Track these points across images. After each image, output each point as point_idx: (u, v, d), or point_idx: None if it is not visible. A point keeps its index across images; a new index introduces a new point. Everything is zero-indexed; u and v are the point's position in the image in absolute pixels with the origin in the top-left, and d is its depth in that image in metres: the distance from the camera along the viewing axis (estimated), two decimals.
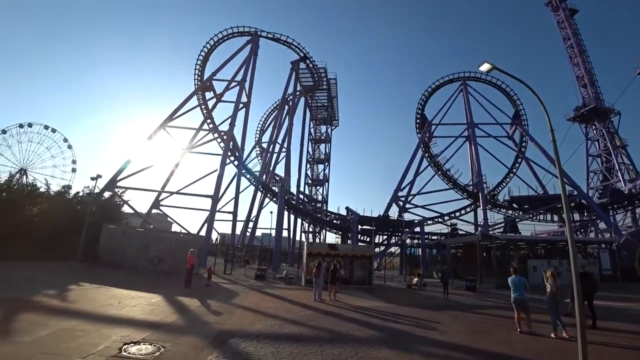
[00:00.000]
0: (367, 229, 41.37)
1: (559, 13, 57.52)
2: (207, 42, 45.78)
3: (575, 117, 55.31)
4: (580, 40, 55.93)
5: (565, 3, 57.91)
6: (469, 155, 51.17)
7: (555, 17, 58.42)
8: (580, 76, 54.27)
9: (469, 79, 51.99)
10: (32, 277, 15.40)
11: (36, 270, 17.58)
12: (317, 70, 50.57)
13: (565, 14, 56.89)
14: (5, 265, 17.66)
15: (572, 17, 57.12)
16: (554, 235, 43.93)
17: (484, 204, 42.40)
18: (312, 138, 60.76)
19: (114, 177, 33.31)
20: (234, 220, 43.20)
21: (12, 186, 26.73)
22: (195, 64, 46.02)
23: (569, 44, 55.89)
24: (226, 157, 38.64)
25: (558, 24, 57.74)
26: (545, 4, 60.39)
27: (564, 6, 57.46)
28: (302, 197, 54.92)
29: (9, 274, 15.53)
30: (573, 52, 55.17)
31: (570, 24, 56.31)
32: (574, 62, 55.10)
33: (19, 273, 15.99)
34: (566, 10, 57.16)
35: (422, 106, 52.74)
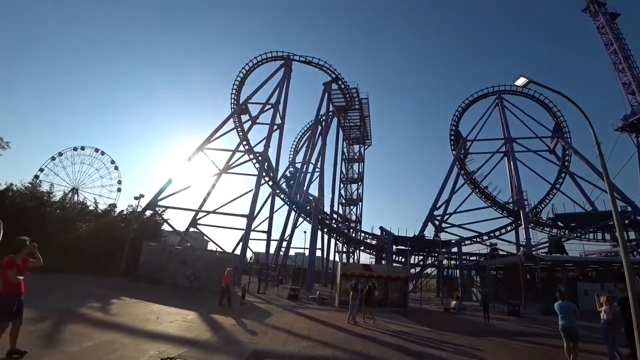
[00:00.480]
0: (402, 249, 40.41)
1: (598, 18, 54.29)
2: (242, 68, 47.79)
3: (624, 126, 51.14)
4: (625, 44, 52.15)
5: (605, 7, 54.34)
6: (507, 172, 49.07)
7: (594, 23, 55.12)
8: (627, 83, 50.54)
9: (504, 92, 50.40)
10: (80, 289, 16.32)
11: (84, 283, 18.60)
12: (349, 90, 51.18)
13: (605, 18, 53.47)
14: (59, 277, 18.82)
15: (613, 22, 53.54)
16: (606, 255, 40.32)
17: (526, 223, 40.00)
18: (345, 157, 60.95)
19: (155, 197, 34.94)
20: (268, 240, 43.70)
21: (65, 204, 28.76)
22: (232, 88, 48.03)
23: (612, 50, 52.45)
24: (261, 178, 39.50)
25: (598, 29, 54.41)
26: (583, 10, 57.00)
27: (604, 10, 54.09)
28: (335, 216, 54.72)
29: (62, 286, 16.54)
30: (617, 58, 51.67)
31: (612, 29, 52.79)
32: (619, 69, 51.55)
33: (69, 285, 17.02)
34: (606, 14, 53.79)
35: (456, 122, 51.56)
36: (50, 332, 7.89)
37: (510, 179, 48.13)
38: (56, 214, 25.61)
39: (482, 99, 51.63)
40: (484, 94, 51.26)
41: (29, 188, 26.23)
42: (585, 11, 56.45)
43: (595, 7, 54.56)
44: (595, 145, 14.00)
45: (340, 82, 49.90)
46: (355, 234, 51.73)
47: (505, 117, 49.20)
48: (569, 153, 47.30)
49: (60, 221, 24.46)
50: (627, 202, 39.33)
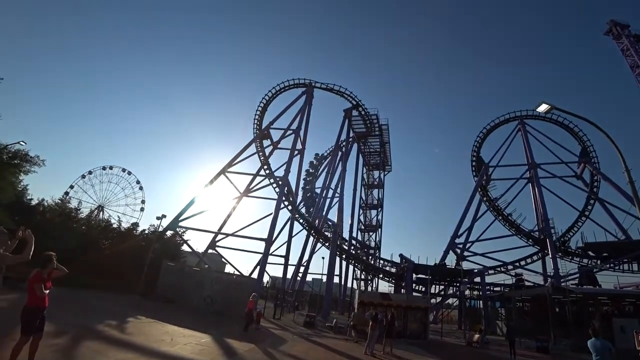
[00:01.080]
0: (423, 278, 39.19)
1: (622, 41, 53.10)
2: (265, 94, 49.23)
3: None
4: None
5: (629, 30, 53.47)
6: (532, 198, 47.36)
7: (618, 45, 53.97)
8: None
9: (526, 117, 49.39)
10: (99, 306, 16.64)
11: (103, 299, 18.93)
12: (369, 117, 51.64)
13: (629, 40, 52.24)
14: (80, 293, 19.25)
15: (638, 44, 52.63)
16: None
17: (553, 252, 37.97)
18: (365, 183, 60.73)
19: (176, 218, 35.60)
20: (285, 264, 43.31)
21: (91, 221, 29.76)
22: (255, 114, 49.40)
23: (638, 72, 51.07)
24: (281, 202, 39.74)
25: (622, 52, 53.13)
26: (605, 33, 56.13)
27: (627, 33, 53.13)
28: (354, 242, 54.00)
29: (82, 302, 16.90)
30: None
31: (637, 51, 51.69)
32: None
33: (89, 301, 17.40)
34: (630, 37, 52.75)
35: (477, 148, 50.71)
36: (67, 347, 8.02)
37: (535, 206, 46.40)
38: (82, 230, 26.49)
39: (504, 124, 50.80)
40: (505, 120, 50.46)
41: (59, 204, 27.42)
42: (608, 34, 55.55)
43: (619, 30, 53.63)
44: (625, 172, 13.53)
45: (360, 108, 50.54)
46: (374, 261, 50.66)
47: (529, 143, 47.97)
48: (597, 179, 45.37)
49: (85, 237, 25.29)
50: None
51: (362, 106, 50.27)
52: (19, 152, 23.24)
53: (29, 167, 24.00)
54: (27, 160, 23.69)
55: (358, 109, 50.61)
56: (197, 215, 38.38)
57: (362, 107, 50.33)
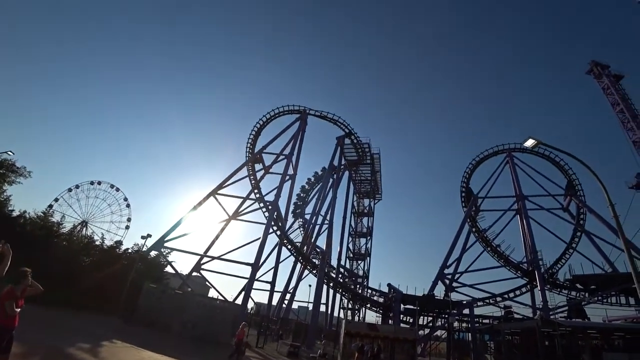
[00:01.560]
0: (411, 308, 38.52)
1: (602, 80, 55.71)
2: (260, 119, 49.69)
3: (638, 184, 50.47)
4: (631, 104, 52.74)
5: (609, 70, 56.30)
6: (520, 230, 47.74)
7: (599, 84, 56.60)
8: (637, 141, 50.54)
9: (514, 150, 50.65)
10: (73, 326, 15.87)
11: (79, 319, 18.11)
12: (362, 145, 52.43)
13: (610, 80, 54.94)
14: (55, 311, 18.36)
15: (618, 83, 54.98)
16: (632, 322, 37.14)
17: (542, 284, 37.80)
18: (355, 211, 60.70)
19: (161, 238, 34.90)
20: (271, 290, 42.23)
21: (73, 237, 28.88)
22: (248, 138, 49.66)
23: (619, 109, 52.92)
24: (269, 227, 39.46)
25: (604, 90, 55.54)
26: (587, 73, 59.03)
27: (608, 72, 55.93)
28: (342, 271, 53.19)
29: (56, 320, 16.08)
30: (624, 116, 52.04)
31: (618, 90, 53.80)
32: (628, 127, 51.64)
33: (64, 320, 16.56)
34: (610, 76, 55.45)
35: (466, 179, 51.31)
36: None
37: (523, 238, 46.65)
38: (63, 245, 25.66)
39: (493, 156, 51.82)
40: (494, 152, 51.54)
41: (41, 217, 26.63)
42: (589, 73, 58.38)
43: (599, 70, 56.50)
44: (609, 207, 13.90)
45: (353, 136, 51.35)
46: (362, 290, 49.65)
47: (517, 175, 48.93)
48: (583, 211, 46.11)
49: (65, 253, 24.42)
50: None
51: (354, 134, 51.11)
52: (5, 162, 22.93)
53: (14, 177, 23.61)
54: (13, 171, 23.34)
55: (350, 137, 51.40)
56: (183, 237, 37.87)
57: (354, 135, 51.16)
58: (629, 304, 37.62)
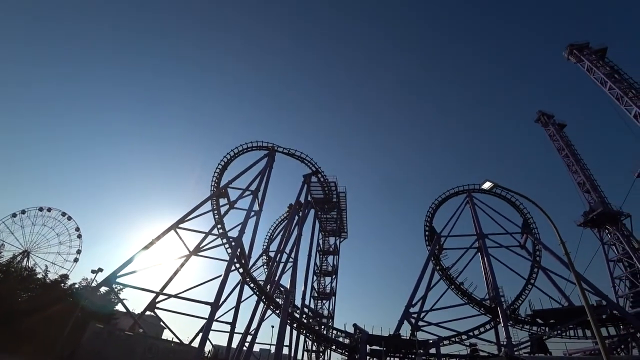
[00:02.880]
0: (377, 349, 37.33)
1: (549, 128, 62.41)
2: (227, 153, 49.19)
3: (585, 222, 54.12)
4: (574, 150, 58.72)
5: (554, 119, 62.93)
6: (482, 267, 48.70)
7: (546, 132, 63.05)
8: (581, 182, 55.32)
9: (474, 191, 52.90)
10: None
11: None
12: (328, 184, 53.07)
13: (555, 128, 61.45)
14: None
15: (562, 131, 61.45)
16: (590, 354, 37.94)
17: (505, 320, 38.10)
18: (321, 249, 60.03)
19: (114, 273, 32.13)
20: (231, 332, 39.61)
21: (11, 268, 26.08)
22: (214, 171, 48.81)
23: (564, 154, 58.70)
24: (232, 264, 37.81)
25: (550, 137, 61.92)
26: (535, 121, 65.57)
27: (553, 121, 62.49)
28: (306, 311, 51.27)
29: None
30: (569, 160, 57.62)
31: (562, 137, 60.29)
32: (573, 170, 57.00)
33: None
34: (555, 124, 61.96)
35: (430, 218, 52.66)
36: None
37: (485, 275, 47.54)
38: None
39: (454, 196, 53.79)
40: (455, 192, 53.57)
41: None
42: (537, 122, 64.76)
43: (545, 119, 63.06)
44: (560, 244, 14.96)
45: (320, 175, 51.98)
46: (327, 331, 47.82)
47: (476, 214, 50.84)
48: (539, 248, 48.11)
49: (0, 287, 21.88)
50: (600, 295, 38.56)
51: (321, 173, 51.79)
52: None
53: None
54: None
55: (317, 175, 52.02)
56: (138, 272, 35.13)
57: (321, 174, 51.84)
58: (586, 336, 38.66)
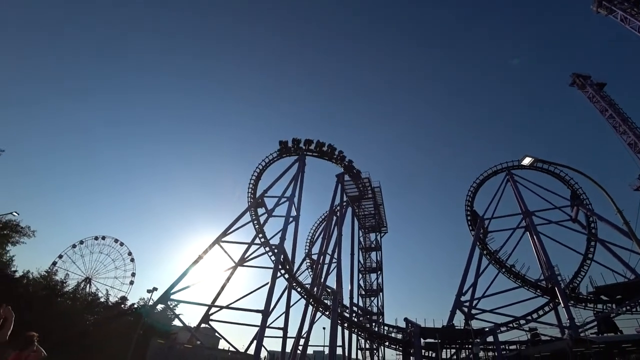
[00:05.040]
0: (431, 342, 36.51)
1: (586, 90, 56.99)
2: (259, 164, 50.41)
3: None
4: (619, 109, 53.15)
5: (591, 79, 57.72)
6: (532, 247, 46.01)
7: (584, 94, 57.79)
8: (632, 143, 50.21)
9: (513, 168, 50.19)
10: None
11: None
12: (362, 180, 52.86)
13: (593, 88, 56.07)
14: None
15: (602, 90, 56.08)
16: None
17: (565, 301, 35.71)
18: (362, 247, 59.82)
19: (167, 290, 34.09)
20: (284, 337, 40.51)
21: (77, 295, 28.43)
22: (249, 183, 50.16)
23: (608, 115, 53.53)
24: (277, 271, 38.68)
25: (590, 99, 56.61)
26: (570, 85, 60.43)
27: (590, 82, 57.30)
28: (356, 309, 51.27)
29: None
30: (615, 121, 52.53)
31: (603, 97, 54.70)
32: (620, 131, 51.97)
33: None
34: (593, 85, 56.64)
35: (470, 202, 50.53)
36: None
37: (537, 255, 44.93)
38: (67, 304, 25.23)
39: (493, 176, 51.28)
40: (493, 172, 51.06)
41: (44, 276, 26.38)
42: (573, 85, 60.05)
43: (581, 81, 58.17)
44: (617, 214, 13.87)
45: (352, 172, 51.90)
46: (378, 327, 47.58)
47: (519, 192, 48.19)
48: (593, 220, 44.68)
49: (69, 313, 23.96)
50: None
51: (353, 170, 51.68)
52: (10, 223, 23.12)
53: (18, 237, 23.74)
54: (17, 231, 23.52)
55: (349, 173, 51.98)
56: (190, 288, 36.92)
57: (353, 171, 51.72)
58: None
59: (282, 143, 50.20)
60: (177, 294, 35.09)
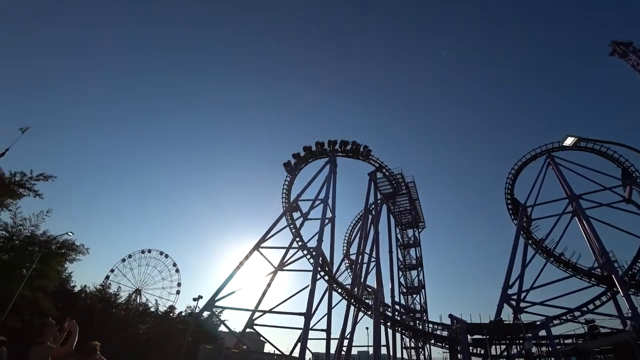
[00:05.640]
0: (479, 338, 35.33)
1: (629, 57, 52.61)
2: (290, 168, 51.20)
3: None
4: None
5: (633, 46, 53.30)
6: (582, 233, 43.02)
7: (627, 63, 53.39)
8: None
9: (553, 150, 47.04)
10: None
11: None
12: (394, 177, 52.31)
13: (637, 56, 51.84)
14: None
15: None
16: None
17: (624, 289, 32.98)
18: (400, 244, 58.89)
19: (212, 298, 35.51)
20: (327, 339, 40.90)
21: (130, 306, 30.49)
22: (283, 188, 51.20)
23: None
24: (317, 273, 39.02)
25: (634, 67, 52.30)
26: (610, 54, 56.08)
27: (633, 49, 52.76)
28: (398, 307, 50.64)
29: None
30: None
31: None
32: None
33: None
34: (636, 52, 52.23)
35: (510, 190, 48.12)
36: None
37: (588, 241, 41.86)
38: (121, 314, 27.15)
39: (532, 161, 48.41)
40: (532, 156, 48.17)
41: (99, 290, 28.58)
42: (613, 54, 55.76)
43: (622, 49, 53.93)
44: None
45: (384, 170, 51.50)
46: (422, 325, 46.62)
47: (563, 175, 45.21)
48: None
49: (123, 322, 25.76)
50: None
51: (385, 167, 51.28)
52: (66, 242, 25.35)
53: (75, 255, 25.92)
54: (73, 250, 25.68)
55: (382, 170, 51.59)
56: (233, 294, 38.22)
57: (385, 168, 51.32)
58: None
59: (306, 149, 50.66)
60: (222, 300, 36.46)
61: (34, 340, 4.43)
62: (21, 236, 24.23)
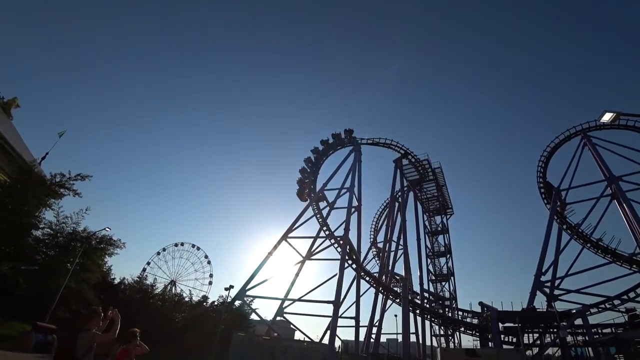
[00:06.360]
0: (511, 327, 34.73)
1: None
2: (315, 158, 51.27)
3: None
4: None
5: None
6: (622, 217, 40.58)
7: None
8: None
9: (589, 130, 44.35)
10: None
11: None
12: (420, 163, 51.46)
13: None
14: None
15: None
16: None
17: None
18: (428, 231, 58.11)
19: (243, 287, 36.80)
20: (356, 326, 41.41)
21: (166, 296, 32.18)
22: (310, 178, 51.49)
23: None
24: (344, 261, 39.37)
25: None
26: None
27: None
28: (427, 295, 50.41)
29: None
30: None
31: None
32: None
33: None
34: None
35: (542, 173, 46.09)
36: None
37: (629, 225, 39.29)
38: (157, 305, 28.70)
39: (566, 142, 45.91)
40: (566, 137, 45.59)
41: (137, 282, 30.37)
42: None
43: None
44: None
45: (410, 156, 50.72)
46: (452, 313, 46.22)
47: (600, 156, 42.69)
48: None
49: (160, 312, 27.23)
50: None
51: (410, 154, 50.50)
52: (105, 237, 27.08)
53: (113, 249, 27.63)
54: (111, 244, 27.41)
55: (407, 157, 50.82)
56: (263, 284, 39.37)
57: (411, 154, 50.55)
58: None
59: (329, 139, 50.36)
60: (252, 290, 37.72)
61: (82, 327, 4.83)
62: (64, 233, 26.09)
